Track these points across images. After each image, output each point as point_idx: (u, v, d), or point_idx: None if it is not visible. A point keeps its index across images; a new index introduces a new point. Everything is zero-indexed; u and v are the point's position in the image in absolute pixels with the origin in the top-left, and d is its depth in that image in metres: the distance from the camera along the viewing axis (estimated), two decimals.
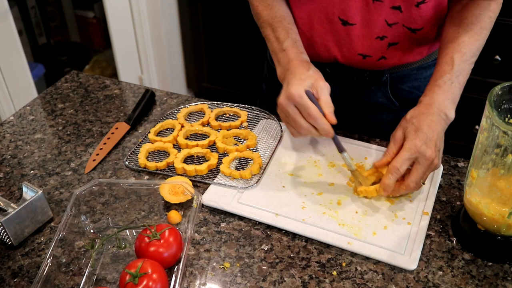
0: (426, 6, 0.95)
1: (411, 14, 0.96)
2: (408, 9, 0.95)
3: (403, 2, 0.94)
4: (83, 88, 1.25)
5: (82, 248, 0.82)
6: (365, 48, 1.01)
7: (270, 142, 1.03)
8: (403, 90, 1.10)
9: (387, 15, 0.96)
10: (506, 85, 0.74)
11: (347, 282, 0.77)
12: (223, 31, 2.47)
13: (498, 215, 0.75)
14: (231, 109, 1.11)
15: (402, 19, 0.96)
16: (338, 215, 0.86)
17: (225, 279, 0.78)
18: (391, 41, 1.00)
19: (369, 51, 1.02)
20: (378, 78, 1.08)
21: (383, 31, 0.98)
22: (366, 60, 1.03)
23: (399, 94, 1.10)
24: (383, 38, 0.99)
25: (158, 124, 1.08)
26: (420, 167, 0.84)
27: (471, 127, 2.13)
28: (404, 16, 0.96)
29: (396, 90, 1.10)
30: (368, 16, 0.96)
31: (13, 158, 1.03)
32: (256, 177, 0.94)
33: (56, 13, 2.56)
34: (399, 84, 1.09)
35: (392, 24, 0.97)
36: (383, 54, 1.02)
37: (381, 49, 1.01)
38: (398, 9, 0.95)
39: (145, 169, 0.97)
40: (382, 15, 0.96)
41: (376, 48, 1.01)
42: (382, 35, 0.99)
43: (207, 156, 0.99)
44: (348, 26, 0.98)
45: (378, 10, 0.95)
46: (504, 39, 1.91)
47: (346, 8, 0.96)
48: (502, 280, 0.77)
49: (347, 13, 0.97)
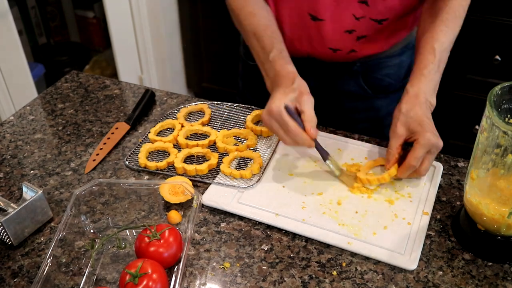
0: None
1: (376, 6, 0.98)
2: (374, 2, 0.98)
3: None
4: (83, 88, 1.25)
5: (82, 248, 0.82)
6: (334, 42, 1.05)
7: (270, 141, 1.03)
8: (375, 78, 1.13)
9: (355, 9, 0.99)
10: (506, 85, 0.74)
11: (347, 282, 0.77)
12: (223, 31, 2.47)
13: (498, 215, 0.75)
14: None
15: (369, 12, 0.99)
16: (338, 215, 0.86)
17: (225, 279, 0.78)
18: (360, 34, 1.03)
19: (339, 45, 1.05)
20: (350, 68, 1.11)
21: (351, 25, 1.01)
22: (337, 53, 1.07)
23: (371, 82, 1.14)
24: (351, 32, 1.02)
25: (158, 124, 1.08)
26: (432, 156, 0.89)
27: (471, 127, 2.13)
28: (370, 9, 0.99)
29: (368, 78, 1.13)
30: (336, 11, 0.99)
31: (13, 158, 1.03)
32: (257, 176, 0.94)
33: (56, 13, 2.56)
34: (370, 72, 1.13)
35: (359, 18, 1.00)
36: (352, 47, 1.06)
37: (351, 42, 1.05)
38: (365, 3, 0.98)
39: (146, 169, 0.97)
40: (350, 9, 0.99)
41: (346, 42, 1.05)
42: (351, 29, 1.02)
43: (207, 156, 0.99)
44: (317, 21, 1.01)
45: (346, 5, 0.98)
46: (504, 39, 1.91)
47: (315, 4, 0.99)
48: (502, 280, 0.77)
49: (316, 9, 1.00)
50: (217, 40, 2.52)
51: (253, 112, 1.09)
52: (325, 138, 1.03)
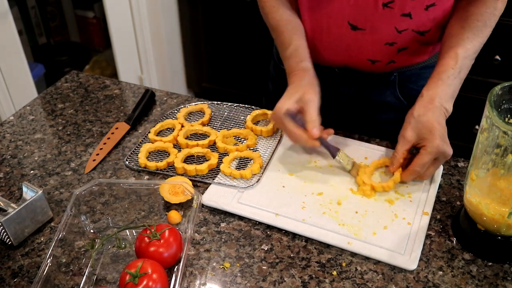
0: (435, 9, 0.94)
1: (420, 19, 0.95)
2: (418, 14, 0.94)
3: (413, 9, 0.93)
4: (83, 88, 1.25)
5: (82, 248, 0.82)
6: (374, 53, 1.01)
7: (270, 141, 1.03)
8: (412, 89, 1.10)
9: (397, 22, 0.95)
10: (506, 85, 0.74)
11: (347, 282, 0.77)
12: (223, 31, 2.47)
13: (498, 215, 0.75)
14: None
15: (411, 24, 0.96)
16: (338, 215, 0.86)
17: (225, 279, 0.78)
18: (400, 46, 1.00)
19: (378, 57, 1.02)
20: (387, 78, 1.08)
21: (392, 37, 0.98)
22: (375, 65, 1.04)
23: (407, 93, 1.10)
24: (392, 44, 0.99)
25: (158, 124, 1.08)
26: (439, 163, 0.89)
27: (471, 127, 2.13)
28: (413, 22, 0.96)
29: (405, 89, 1.10)
30: (377, 22, 0.96)
31: (13, 158, 1.03)
32: (257, 176, 0.94)
33: (56, 13, 2.56)
34: (407, 83, 1.09)
35: (402, 31, 0.97)
36: (392, 59, 1.02)
37: (390, 54, 1.01)
38: (408, 15, 0.94)
39: (146, 169, 0.97)
40: (392, 22, 0.96)
41: (385, 54, 1.01)
42: (392, 42, 0.99)
43: (207, 155, 0.99)
44: (357, 31, 0.98)
45: (388, 17, 0.95)
46: (504, 39, 1.91)
47: (355, 13, 0.96)
48: (502, 280, 0.77)
49: (357, 18, 0.96)
50: (217, 40, 2.52)
51: (253, 112, 1.08)
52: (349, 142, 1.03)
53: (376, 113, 1.14)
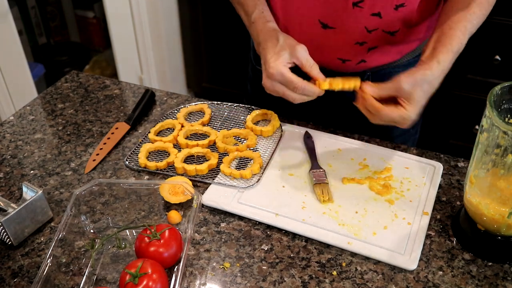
0: (405, 9, 0.95)
1: (390, 18, 0.96)
2: (387, 14, 0.95)
3: (382, 8, 0.94)
4: (83, 88, 1.25)
5: (82, 248, 0.82)
6: (344, 52, 1.02)
7: (270, 141, 1.03)
8: None
9: (367, 21, 0.96)
10: (506, 85, 0.74)
11: (347, 282, 0.77)
12: (223, 31, 2.47)
13: (498, 215, 0.75)
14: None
15: (381, 24, 0.97)
16: (338, 215, 0.86)
17: (225, 279, 0.78)
18: (371, 45, 1.01)
19: (349, 56, 1.02)
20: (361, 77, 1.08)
21: (362, 36, 0.99)
22: (346, 64, 1.04)
23: None
24: (362, 44, 1.00)
25: (158, 124, 1.08)
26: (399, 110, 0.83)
27: (471, 127, 2.13)
28: (383, 21, 0.96)
29: None
30: (347, 21, 0.96)
31: (13, 158, 1.03)
32: (257, 176, 0.94)
33: (56, 13, 2.56)
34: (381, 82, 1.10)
35: (372, 31, 0.97)
36: (362, 58, 1.03)
37: (361, 53, 1.02)
38: (378, 15, 0.95)
39: (146, 169, 0.97)
40: (362, 22, 0.96)
41: (356, 53, 1.02)
42: (362, 41, 0.99)
43: (207, 155, 0.99)
44: (328, 29, 0.98)
45: (357, 16, 0.95)
46: (504, 39, 1.91)
47: (326, 11, 0.96)
48: (502, 280, 0.77)
49: (327, 17, 0.97)
50: (217, 40, 2.52)
51: (253, 112, 1.08)
52: (326, 138, 1.03)
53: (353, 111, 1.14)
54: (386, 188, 0.91)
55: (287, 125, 1.07)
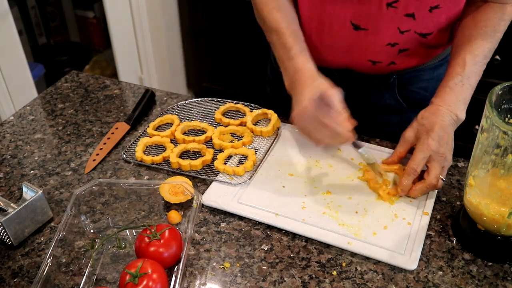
0: (439, 11, 0.94)
1: (423, 20, 0.95)
2: (422, 15, 0.94)
3: (417, 9, 0.93)
4: (83, 88, 1.25)
5: (82, 248, 0.82)
6: (375, 54, 1.01)
7: (266, 140, 1.03)
8: (411, 91, 1.10)
9: (400, 22, 0.95)
10: (506, 85, 0.74)
11: (347, 282, 0.77)
12: (223, 31, 2.47)
13: (498, 215, 0.75)
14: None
15: (414, 26, 0.96)
16: (338, 215, 0.86)
17: (225, 279, 0.78)
18: (402, 47, 1.00)
19: (379, 57, 1.01)
20: (386, 80, 1.08)
21: (394, 38, 0.98)
22: (376, 66, 1.03)
23: (406, 95, 1.10)
24: (394, 45, 0.99)
25: (157, 119, 1.08)
26: (436, 163, 0.87)
27: (471, 127, 2.12)
28: (416, 23, 0.95)
29: (404, 91, 1.10)
30: (380, 22, 0.95)
31: (13, 158, 1.03)
32: (249, 174, 0.94)
33: (56, 13, 2.56)
34: (406, 85, 1.09)
35: (404, 32, 0.96)
36: (392, 60, 1.02)
37: (392, 55, 1.01)
38: (412, 16, 0.94)
39: (142, 163, 0.98)
40: (395, 22, 0.95)
41: (387, 54, 1.01)
42: (394, 42, 0.98)
43: (202, 151, 1.00)
44: (360, 30, 0.97)
45: (391, 17, 0.94)
46: (504, 39, 1.91)
47: (358, 12, 0.95)
48: (502, 280, 0.77)
49: (359, 18, 0.96)
50: (217, 40, 2.52)
51: (253, 111, 1.08)
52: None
53: (375, 115, 1.14)
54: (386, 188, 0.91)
55: (287, 125, 1.07)
